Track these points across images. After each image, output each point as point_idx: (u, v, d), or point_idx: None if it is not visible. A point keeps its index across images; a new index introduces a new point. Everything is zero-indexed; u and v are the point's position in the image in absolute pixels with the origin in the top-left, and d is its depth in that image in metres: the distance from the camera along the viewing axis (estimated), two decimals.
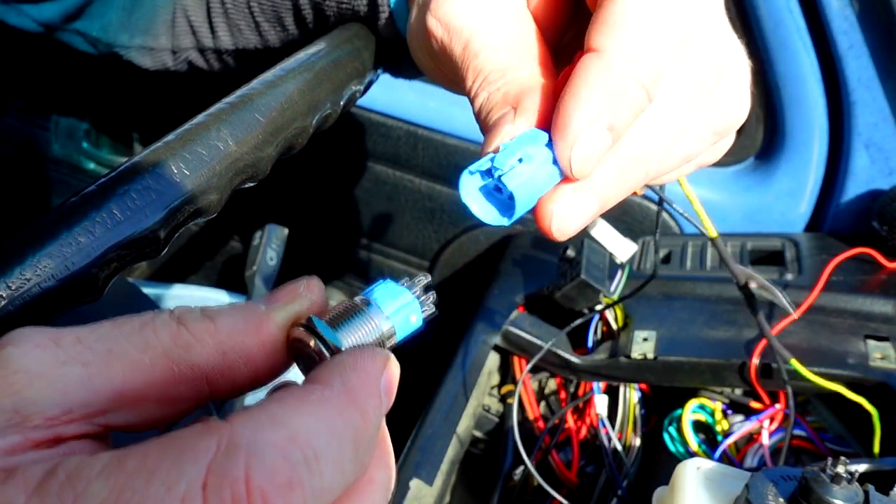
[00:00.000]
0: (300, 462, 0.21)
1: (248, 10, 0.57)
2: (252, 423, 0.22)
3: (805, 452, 0.75)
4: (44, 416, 0.23)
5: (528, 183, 0.30)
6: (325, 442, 0.22)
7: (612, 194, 0.32)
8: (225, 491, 0.20)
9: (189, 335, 0.26)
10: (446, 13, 0.36)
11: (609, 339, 0.87)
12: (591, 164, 0.30)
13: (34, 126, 1.60)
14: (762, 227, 1.04)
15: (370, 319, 0.28)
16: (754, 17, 0.98)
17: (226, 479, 0.20)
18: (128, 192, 0.34)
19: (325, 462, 0.22)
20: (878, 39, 0.92)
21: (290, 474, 0.21)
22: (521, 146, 0.31)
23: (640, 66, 0.30)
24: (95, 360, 0.24)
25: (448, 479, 0.80)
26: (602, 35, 0.30)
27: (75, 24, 0.60)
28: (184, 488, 0.20)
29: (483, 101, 0.34)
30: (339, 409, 0.23)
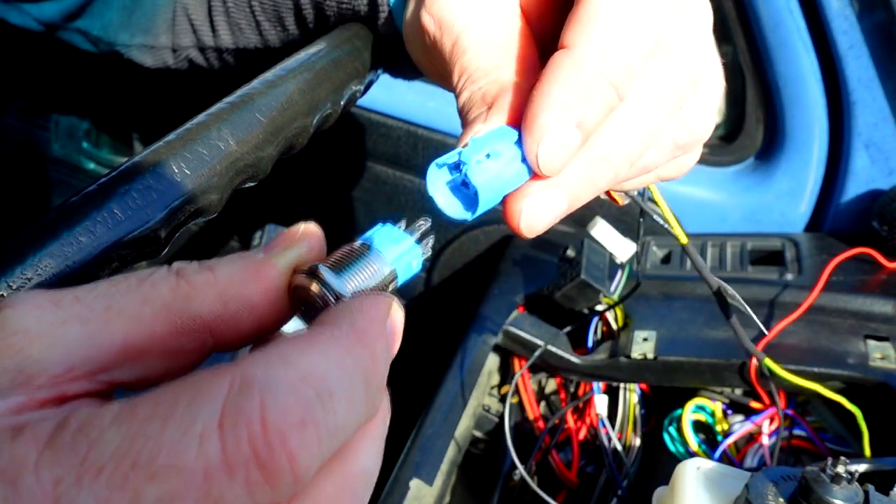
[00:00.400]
0: (313, 400, 0.21)
1: (248, 8, 0.57)
2: (263, 363, 0.21)
3: (805, 452, 0.75)
4: (48, 375, 0.22)
5: (493, 178, 0.30)
6: (337, 380, 0.22)
7: (581, 193, 0.32)
8: (241, 430, 0.20)
9: (188, 286, 0.25)
10: (440, 9, 0.36)
11: (609, 339, 0.88)
12: (559, 160, 0.30)
13: (34, 126, 1.60)
14: (762, 227, 1.04)
15: (372, 264, 0.28)
16: (754, 17, 0.98)
17: (241, 417, 0.20)
18: (129, 191, 0.34)
19: (338, 400, 0.22)
20: (878, 39, 0.92)
21: (304, 412, 0.21)
22: (490, 142, 0.30)
23: (611, 63, 0.30)
24: (95, 318, 0.24)
25: (448, 479, 0.80)
26: (574, 32, 0.30)
27: (76, 23, 0.60)
28: (200, 429, 0.20)
29: (465, 100, 0.34)
30: (349, 348, 0.23)
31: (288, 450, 0.20)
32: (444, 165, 0.31)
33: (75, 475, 0.19)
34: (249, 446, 0.20)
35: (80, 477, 0.19)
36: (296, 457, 0.20)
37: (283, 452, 0.20)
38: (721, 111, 1.14)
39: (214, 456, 0.19)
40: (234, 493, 0.19)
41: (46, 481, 0.19)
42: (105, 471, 0.19)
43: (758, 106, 1.05)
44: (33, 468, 0.19)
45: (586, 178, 0.32)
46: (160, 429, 0.20)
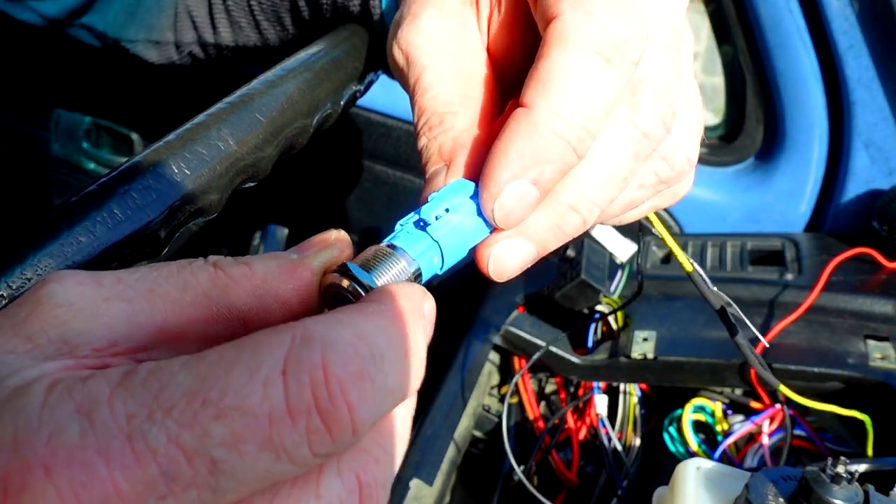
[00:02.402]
0: (368, 357, 0.22)
1: (247, 7, 0.57)
2: (321, 322, 0.22)
3: (805, 452, 0.75)
4: (90, 347, 0.23)
5: (454, 231, 0.31)
6: (387, 344, 0.23)
7: (549, 241, 0.34)
8: (304, 376, 0.20)
9: (227, 277, 0.26)
10: (408, 43, 0.37)
11: (609, 339, 0.87)
12: (516, 216, 0.31)
13: (34, 126, 1.60)
14: (762, 226, 1.04)
15: (398, 262, 0.30)
16: (754, 17, 0.98)
17: (304, 365, 0.21)
18: (128, 191, 0.34)
19: (388, 362, 0.23)
20: (878, 39, 0.92)
21: (361, 366, 0.21)
22: (448, 197, 0.32)
23: (567, 124, 0.30)
24: (137, 298, 0.24)
25: (448, 479, 0.80)
26: (533, 91, 0.31)
27: (81, 20, 0.61)
28: (265, 373, 0.20)
29: (422, 146, 0.36)
30: (394, 320, 0.24)
31: (348, 400, 0.21)
32: (407, 224, 0.32)
33: (148, 411, 0.20)
34: (311, 394, 0.20)
35: (152, 412, 0.20)
36: (355, 408, 0.21)
37: (342, 402, 0.21)
38: (721, 111, 1.14)
39: (278, 401, 0.20)
40: (294, 439, 0.20)
41: (121, 415, 0.20)
42: (176, 409, 0.20)
43: (758, 106, 1.05)
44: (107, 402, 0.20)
45: (553, 226, 0.33)
46: (227, 373, 0.20)
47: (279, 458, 0.20)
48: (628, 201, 0.37)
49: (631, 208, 0.38)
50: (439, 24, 0.37)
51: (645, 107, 0.33)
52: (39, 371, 0.22)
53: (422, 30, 0.37)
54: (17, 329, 0.23)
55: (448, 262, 0.32)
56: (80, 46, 0.66)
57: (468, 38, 0.37)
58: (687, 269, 0.53)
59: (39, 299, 0.23)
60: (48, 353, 0.22)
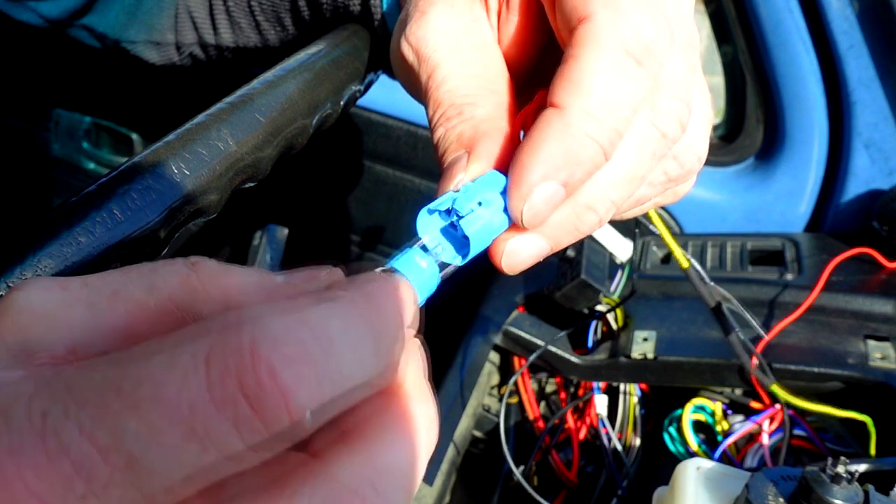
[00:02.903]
0: (310, 341, 0.20)
1: (248, 7, 0.57)
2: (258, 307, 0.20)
3: (805, 452, 0.75)
4: (49, 354, 0.22)
5: (485, 227, 0.31)
6: (339, 329, 0.20)
7: (563, 238, 0.34)
8: (228, 362, 0.19)
9: (198, 282, 0.25)
10: (418, 39, 0.37)
11: (609, 339, 0.87)
12: (542, 216, 0.31)
13: (34, 126, 1.60)
14: (762, 226, 1.04)
15: None
16: (754, 17, 0.98)
17: (229, 349, 0.19)
18: (128, 191, 0.34)
19: (339, 346, 0.20)
20: (879, 39, 0.92)
21: (299, 349, 0.19)
22: (481, 190, 0.32)
23: (600, 125, 0.30)
24: (101, 302, 0.24)
25: (448, 479, 0.80)
26: (564, 92, 0.31)
27: (82, 21, 0.61)
28: (186, 361, 0.19)
29: (440, 138, 0.35)
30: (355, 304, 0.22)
31: (280, 384, 0.19)
32: (436, 211, 0.32)
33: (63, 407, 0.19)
34: (237, 379, 0.18)
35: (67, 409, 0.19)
36: (289, 393, 0.19)
37: (274, 386, 0.19)
38: (721, 111, 1.14)
39: (199, 389, 0.18)
40: (222, 429, 0.18)
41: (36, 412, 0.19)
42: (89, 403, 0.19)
43: (758, 106, 1.05)
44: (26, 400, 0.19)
45: (569, 224, 0.33)
46: (146, 364, 0.19)
47: (206, 451, 0.19)
48: (636, 199, 0.37)
49: (638, 205, 0.38)
50: (450, 20, 0.37)
51: (664, 106, 0.33)
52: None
53: (432, 25, 0.36)
54: None
55: (473, 254, 0.32)
56: (81, 47, 0.66)
57: (480, 33, 0.37)
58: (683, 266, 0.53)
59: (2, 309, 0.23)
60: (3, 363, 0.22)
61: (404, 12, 0.39)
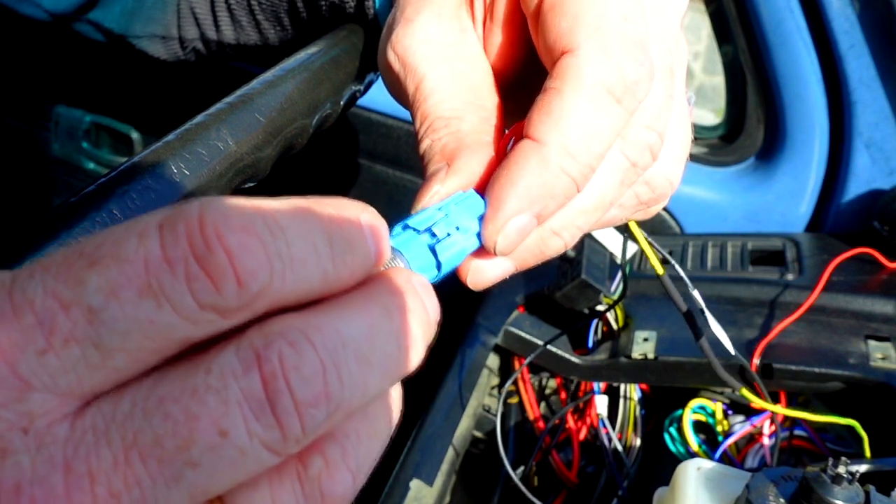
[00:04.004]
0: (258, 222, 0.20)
1: (247, 5, 0.57)
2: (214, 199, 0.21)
3: (806, 452, 0.75)
4: None
5: (458, 252, 0.32)
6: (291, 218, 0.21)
7: (529, 260, 0.35)
8: (179, 226, 0.20)
9: None
10: (405, 48, 0.37)
11: (609, 339, 0.87)
12: (513, 246, 0.32)
13: (34, 126, 1.60)
14: (763, 226, 1.04)
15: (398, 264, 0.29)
16: (755, 17, 0.98)
17: (181, 216, 0.20)
18: (128, 192, 0.34)
19: (290, 232, 0.21)
20: (879, 39, 0.92)
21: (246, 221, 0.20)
22: (460, 216, 0.32)
23: (575, 162, 0.31)
24: None
25: (448, 479, 0.80)
26: (544, 126, 0.31)
27: (87, 15, 0.61)
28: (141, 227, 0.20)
29: (425, 149, 0.35)
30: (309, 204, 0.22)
31: (225, 246, 0.20)
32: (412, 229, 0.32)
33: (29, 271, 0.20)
34: (187, 239, 0.20)
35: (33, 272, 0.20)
36: (235, 256, 0.20)
37: (220, 248, 0.20)
38: (721, 111, 1.14)
39: (154, 249, 0.20)
40: (175, 286, 0.19)
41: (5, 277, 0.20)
42: (54, 265, 0.20)
43: (758, 106, 1.05)
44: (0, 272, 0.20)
45: (535, 248, 0.34)
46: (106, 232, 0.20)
47: (161, 306, 0.19)
48: (606, 220, 0.38)
49: (607, 226, 0.39)
50: (437, 30, 0.36)
51: (635, 137, 0.33)
52: None
53: (419, 35, 0.36)
54: None
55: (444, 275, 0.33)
56: (82, 42, 0.65)
57: (467, 44, 0.37)
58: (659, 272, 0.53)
59: None
60: None
61: (391, 16, 0.39)
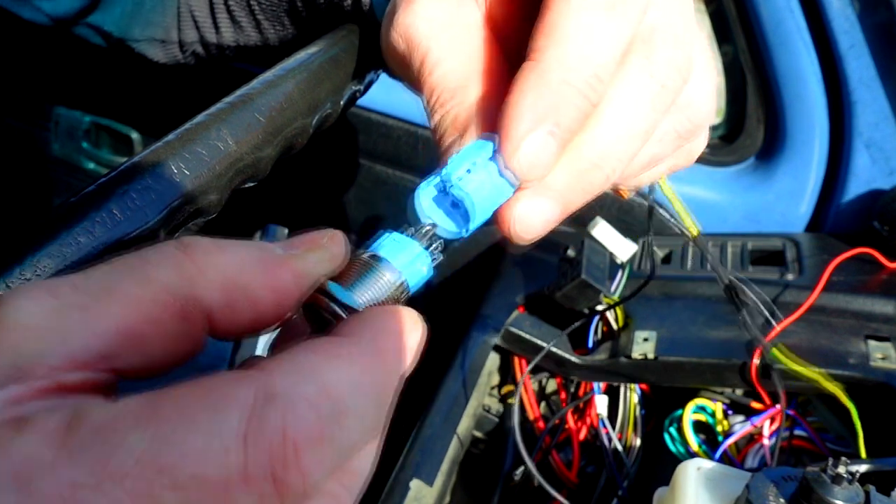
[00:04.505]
0: (330, 417, 0.21)
1: (247, 6, 0.57)
2: (286, 375, 0.21)
3: (806, 452, 0.75)
4: (46, 367, 0.21)
5: (479, 189, 0.30)
6: (352, 398, 0.22)
7: (573, 199, 0.33)
8: (264, 441, 0.20)
9: (193, 267, 0.24)
10: (406, 27, 0.36)
11: (609, 339, 0.87)
12: (538, 169, 0.30)
13: (34, 126, 1.60)
14: (763, 227, 1.04)
15: (381, 275, 0.28)
16: (755, 17, 0.98)
17: (265, 430, 0.20)
18: (127, 191, 0.34)
19: (351, 418, 0.22)
20: (879, 39, 0.92)
21: (321, 429, 0.21)
22: (469, 156, 0.31)
23: (575, 72, 0.30)
24: (93, 303, 0.22)
25: (448, 479, 0.80)
26: (539, 42, 0.30)
27: (87, 19, 0.61)
28: (226, 437, 0.19)
29: (437, 122, 0.35)
30: (367, 367, 0.23)
31: (302, 467, 0.20)
32: (429, 186, 0.31)
33: (95, 480, 0.18)
34: (269, 461, 0.20)
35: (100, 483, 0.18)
36: (308, 474, 0.20)
37: (297, 469, 0.20)
38: (721, 111, 1.14)
39: (237, 469, 0.19)
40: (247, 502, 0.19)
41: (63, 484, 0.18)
42: (128, 478, 0.18)
43: (758, 105, 1.04)
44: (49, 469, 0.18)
45: (577, 183, 0.32)
46: (185, 434, 0.19)
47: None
48: (648, 157, 0.36)
49: (651, 166, 0.37)
50: (437, 7, 0.36)
51: (661, 56, 0.32)
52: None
53: (420, 14, 0.36)
54: None
55: (474, 222, 0.31)
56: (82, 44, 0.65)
57: (467, 15, 0.37)
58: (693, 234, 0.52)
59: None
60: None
61: (391, 3, 0.39)
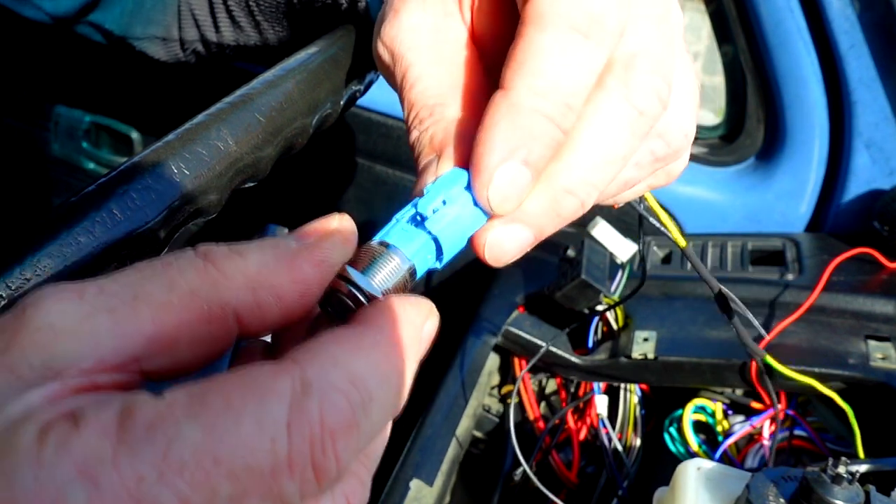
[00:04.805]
0: (359, 404, 0.23)
1: (246, 5, 0.57)
2: (318, 365, 0.23)
3: (806, 453, 0.75)
4: (78, 369, 0.22)
5: (453, 224, 0.31)
6: (377, 385, 0.23)
7: (546, 225, 0.33)
8: (305, 430, 0.21)
9: (217, 272, 0.25)
10: (391, 38, 0.36)
11: (609, 339, 0.87)
12: (510, 201, 0.30)
13: (34, 126, 1.60)
14: (763, 227, 1.04)
15: (392, 262, 0.29)
16: (755, 17, 0.98)
17: (305, 418, 0.21)
18: (128, 191, 0.34)
19: (375, 404, 0.23)
20: (879, 39, 0.92)
21: (351, 416, 0.22)
22: (443, 189, 0.31)
23: (546, 100, 0.30)
24: (121, 307, 0.23)
25: (448, 479, 0.80)
26: (510, 72, 0.30)
27: (88, 17, 0.61)
28: (272, 427, 0.21)
29: (414, 139, 0.35)
30: (389, 355, 0.25)
31: (337, 452, 0.22)
32: (403, 219, 0.31)
33: (158, 472, 0.19)
34: (310, 449, 0.21)
35: (163, 474, 0.19)
36: (341, 459, 0.22)
37: (333, 454, 0.22)
38: (721, 111, 1.14)
39: (283, 457, 0.21)
40: (290, 489, 0.21)
41: (129, 478, 0.19)
42: (187, 469, 0.19)
43: (758, 106, 1.05)
44: (112, 463, 0.19)
45: (551, 209, 0.32)
46: (236, 425, 0.20)
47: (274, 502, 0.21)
48: (624, 181, 0.36)
49: (627, 188, 0.37)
50: (422, 18, 0.36)
51: (639, 82, 0.32)
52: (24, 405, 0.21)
53: (404, 24, 0.36)
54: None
55: (448, 254, 0.32)
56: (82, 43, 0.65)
57: (452, 30, 0.37)
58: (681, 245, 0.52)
59: (18, 325, 0.22)
60: (31, 381, 0.21)
61: (382, 10, 0.39)
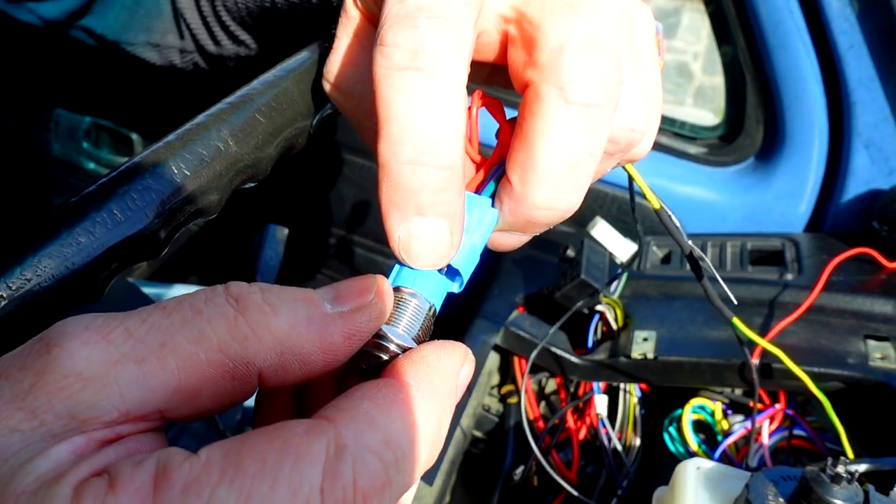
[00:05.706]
0: (392, 463, 0.23)
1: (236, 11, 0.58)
2: (353, 426, 0.23)
3: (805, 452, 0.75)
4: (102, 421, 0.22)
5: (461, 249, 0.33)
6: (410, 443, 0.24)
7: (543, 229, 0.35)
8: (338, 494, 0.22)
9: (247, 328, 0.25)
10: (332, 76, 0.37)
11: (609, 339, 0.87)
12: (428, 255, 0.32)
13: (34, 126, 1.60)
14: (762, 227, 1.04)
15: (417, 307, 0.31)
16: (754, 18, 0.98)
17: (339, 482, 0.22)
18: (128, 192, 0.34)
19: (408, 461, 0.24)
20: (878, 39, 0.92)
21: (384, 476, 0.23)
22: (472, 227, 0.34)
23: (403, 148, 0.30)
24: (149, 356, 0.23)
25: (448, 479, 0.80)
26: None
27: (81, 22, 0.61)
28: (307, 492, 0.21)
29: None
30: (424, 411, 0.25)
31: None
32: None
33: None
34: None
35: None
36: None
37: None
38: (721, 111, 1.14)
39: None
40: None
41: None
42: None
43: (758, 106, 1.05)
44: None
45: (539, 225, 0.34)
46: (270, 489, 0.21)
47: None
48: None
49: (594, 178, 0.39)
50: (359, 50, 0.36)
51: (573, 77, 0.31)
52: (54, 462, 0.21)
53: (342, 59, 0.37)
54: (21, 401, 0.22)
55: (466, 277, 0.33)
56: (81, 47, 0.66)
57: None
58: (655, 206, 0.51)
59: (42, 367, 0.22)
60: (55, 431, 0.21)
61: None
